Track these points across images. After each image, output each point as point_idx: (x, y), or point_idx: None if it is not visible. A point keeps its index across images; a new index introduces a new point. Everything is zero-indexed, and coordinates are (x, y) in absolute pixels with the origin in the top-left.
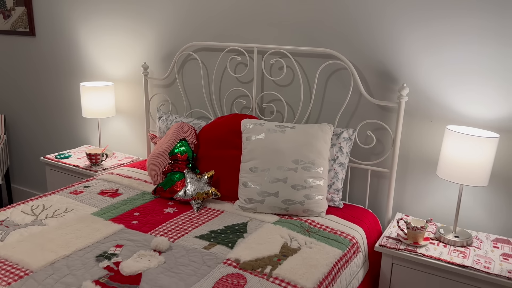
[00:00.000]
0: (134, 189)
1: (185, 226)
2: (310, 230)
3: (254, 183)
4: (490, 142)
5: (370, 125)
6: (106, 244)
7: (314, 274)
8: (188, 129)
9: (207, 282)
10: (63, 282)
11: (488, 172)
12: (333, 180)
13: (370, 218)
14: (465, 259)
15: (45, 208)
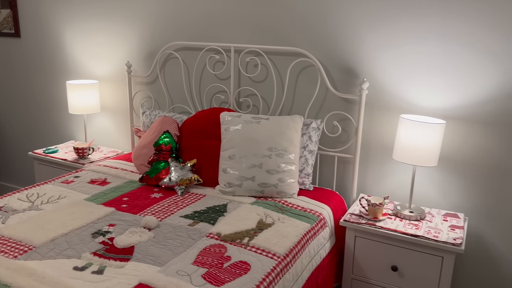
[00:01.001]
0: (121, 178)
1: (170, 208)
2: (283, 209)
3: (232, 169)
4: (437, 128)
5: (336, 116)
6: (100, 223)
7: (286, 243)
8: (171, 122)
9: (192, 251)
10: (64, 255)
11: (437, 154)
12: (304, 166)
13: (336, 199)
14: (417, 230)
15: (40, 196)
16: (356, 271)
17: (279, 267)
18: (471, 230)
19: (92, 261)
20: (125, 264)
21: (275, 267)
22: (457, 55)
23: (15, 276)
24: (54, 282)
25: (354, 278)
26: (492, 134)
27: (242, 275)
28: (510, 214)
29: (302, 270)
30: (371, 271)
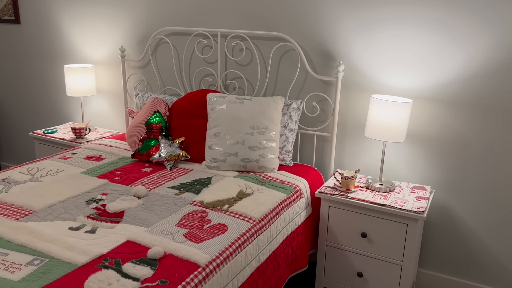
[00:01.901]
0: (115, 155)
1: (159, 180)
2: (262, 181)
3: (217, 145)
4: (404, 106)
5: (315, 97)
6: (94, 193)
7: (262, 209)
8: (161, 103)
9: (176, 216)
10: (60, 218)
11: (404, 131)
12: (284, 143)
13: (314, 173)
14: (385, 200)
15: (39, 170)
16: (330, 238)
17: (254, 229)
18: (438, 201)
19: (86, 223)
20: (115, 225)
21: (250, 229)
22: (425, 39)
23: (16, 234)
24: (52, 239)
25: (328, 245)
26: (456, 112)
27: (219, 234)
28: (472, 187)
29: (277, 233)
30: (343, 238)
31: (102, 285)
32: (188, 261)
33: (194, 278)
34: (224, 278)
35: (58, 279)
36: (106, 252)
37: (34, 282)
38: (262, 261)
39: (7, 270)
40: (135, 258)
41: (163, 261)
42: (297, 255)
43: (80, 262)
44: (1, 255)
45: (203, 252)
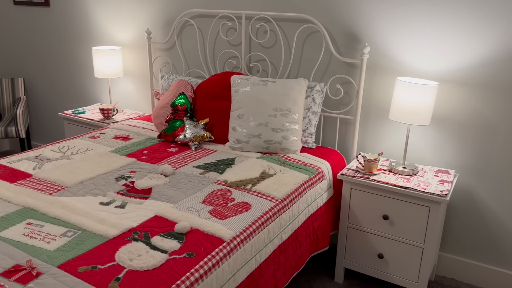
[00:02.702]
0: (142, 135)
1: (185, 160)
2: (285, 163)
3: (241, 127)
4: (430, 89)
5: (339, 79)
6: (123, 170)
7: (284, 189)
8: (186, 85)
9: (201, 194)
10: (91, 193)
11: (429, 114)
12: (307, 126)
13: (336, 156)
14: (408, 183)
15: (70, 148)
16: (352, 220)
17: (276, 208)
18: (461, 186)
19: (116, 198)
20: (144, 201)
21: (273, 208)
22: (454, 20)
23: (50, 207)
24: (84, 212)
25: (349, 227)
26: (484, 96)
27: (243, 212)
28: (497, 172)
29: (299, 213)
30: (364, 220)
31: (132, 256)
32: (213, 236)
33: (219, 252)
34: (248, 253)
35: (91, 250)
36: (135, 225)
37: (68, 252)
38: (284, 239)
39: (43, 240)
40: (163, 232)
41: (189, 236)
42: (318, 235)
43: (111, 235)
44: (37, 226)
45: (228, 228)
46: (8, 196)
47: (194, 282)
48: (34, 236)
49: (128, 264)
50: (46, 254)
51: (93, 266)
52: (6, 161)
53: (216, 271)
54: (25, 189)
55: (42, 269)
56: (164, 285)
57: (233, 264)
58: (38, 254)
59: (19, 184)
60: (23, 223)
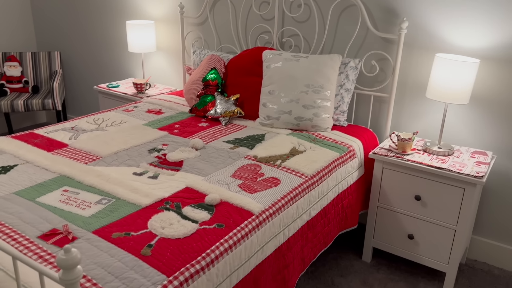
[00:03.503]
0: (174, 109)
1: (215, 134)
2: (315, 140)
3: (272, 103)
4: (470, 66)
5: (374, 55)
6: (155, 143)
7: (314, 166)
8: (218, 60)
9: (231, 168)
10: (125, 163)
11: (469, 92)
12: (339, 103)
13: (369, 134)
14: (443, 164)
15: (105, 120)
16: (382, 200)
17: (306, 184)
18: (499, 168)
19: (148, 169)
20: (175, 173)
21: (302, 184)
22: None
23: (86, 176)
24: (118, 181)
25: (379, 206)
26: None
27: (272, 187)
28: None
29: (328, 191)
30: (395, 200)
31: (164, 224)
32: (242, 209)
33: (248, 224)
34: (276, 227)
35: (124, 217)
36: (167, 196)
37: (103, 218)
38: (313, 215)
39: (79, 207)
40: (194, 202)
41: (219, 207)
42: (347, 213)
43: (144, 204)
44: (73, 193)
45: (257, 202)
46: (45, 164)
47: (224, 252)
48: (70, 202)
49: (160, 232)
50: (82, 220)
51: (127, 232)
52: (43, 131)
53: (245, 242)
54: (61, 158)
55: (78, 234)
56: (195, 253)
57: (261, 237)
58: (74, 220)
59: (55, 153)
60: (60, 190)
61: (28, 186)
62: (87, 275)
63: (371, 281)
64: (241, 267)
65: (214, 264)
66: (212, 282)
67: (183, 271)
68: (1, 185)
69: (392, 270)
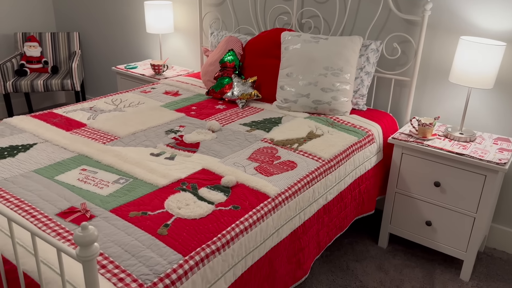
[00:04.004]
0: (191, 91)
1: (232, 117)
2: (333, 124)
3: (289, 86)
4: (497, 50)
5: (396, 38)
6: (172, 124)
7: (331, 150)
8: (235, 42)
9: (248, 150)
10: (142, 144)
11: (493, 77)
12: (359, 87)
13: (388, 119)
14: (464, 150)
15: (122, 101)
16: (400, 186)
17: (323, 168)
18: None
19: (165, 150)
20: (192, 154)
21: (319, 168)
22: None
23: (104, 155)
24: (135, 162)
25: (397, 192)
26: None
27: (288, 170)
28: None
29: (345, 175)
30: (414, 186)
31: (180, 204)
32: (258, 192)
33: (264, 207)
34: (292, 210)
35: (141, 197)
36: (183, 177)
37: (120, 197)
38: (329, 199)
39: (97, 186)
40: (210, 184)
41: (235, 189)
42: (364, 198)
43: (160, 184)
44: (91, 172)
45: (273, 185)
46: (64, 143)
47: (239, 233)
48: (88, 181)
49: (176, 212)
50: (99, 199)
51: (143, 212)
52: (62, 111)
53: (261, 225)
54: (79, 137)
55: (95, 212)
56: (211, 234)
57: (277, 220)
58: (92, 198)
59: (74, 132)
60: (78, 169)
61: (47, 164)
62: (104, 252)
63: (387, 267)
64: (256, 249)
65: (229, 245)
66: (228, 262)
67: (199, 251)
68: (21, 163)
69: (408, 256)
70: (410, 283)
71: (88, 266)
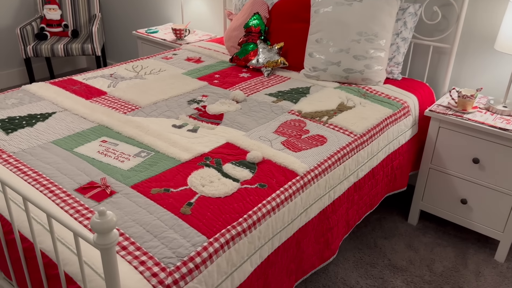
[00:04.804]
0: (214, 58)
1: (257, 86)
2: (366, 94)
3: (319, 53)
4: None
5: (437, 1)
6: (195, 94)
7: (364, 124)
8: (261, 4)
9: (274, 123)
10: (164, 115)
11: None
12: (394, 54)
13: (425, 89)
14: (508, 125)
15: (143, 68)
16: (435, 161)
17: (354, 144)
18: None
19: (188, 122)
20: (215, 127)
21: (350, 143)
22: None
23: (125, 126)
24: (157, 134)
25: (431, 168)
26: None
27: (318, 145)
28: None
29: (378, 151)
30: (450, 162)
31: (204, 181)
32: (286, 169)
33: (292, 185)
34: (322, 189)
35: (164, 172)
36: (207, 151)
37: (141, 172)
38: (360, 177)
39: (117, 159)
40: (235, 160)
41: (261, 166)
42: (396, 174)
43: (183, 158)
44: (112, 145)
45: (301, 162)
46: (83, 112)
47: (266, 214)
48: (109, 154)
49: (200, 190)
50: (120, 173)
51: (166, 188)
52: (82, 78)
53: (289, 204)
54: (100, 106)
55: (116, 188)
56: (236, 215)
57: (305, 199)
58: (112, 173)
59: (94, 101)
60: (98, 140)
61: (66, 135)
62: (125, 232)
63: (417, 245)
64: (284, 229)
65: (256, 226)
66: (254, 244)
67: (224, 232)
68: (39, 133)
69: (440, 234)
70: (441, 263)
71: (107, 254)
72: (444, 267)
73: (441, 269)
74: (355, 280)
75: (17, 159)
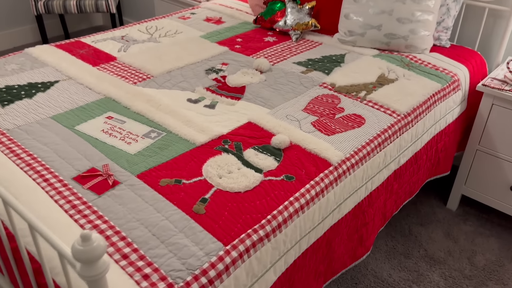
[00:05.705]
0: (236, 18)
1: (284, 53)
2: (410, 65)
3: (356, 14)
4: None
5: None
6: (213, 61)
7: (409, 101)
8: None
9: (303, 99)
10: (179, 86)
11: None
12: (444, 17)
13: (477, 59)
14: None
15: (158, 29)
16: (484, 142)
17: (398, 126)
18: None
19: (205, 96)
20: (236, 102)
21: (393, 125)
22: None
23: (134, 100)
24: (169, 110)
25: (479, 149)
26: None
27: (354, 128)
28: None
29: (423, 132)
30: (502, 143)
31: (221, 172)
32: (317, 157)
33: (325, 178)
34: (358, 181)
35: (175, 158)
36: (226, 132)
37: (150, 157)
38: (402, 163)
39: (123, 140)
40: (258, 144)
41: (288, 153)
42: (440, 158)
43: (198, 141)
44: (118, 122)
45: (336, 148)
46: (90, 82)
47: (294, 213)
48: (114, 134)
49: (216, 182)
50: (126, 158)
51: (177, 179)
52: (91, 40)
53: (320, 201)
54: (107, 75)
55: (120, 177)
56: (258, 215)
57: (339, 193)
58: (117, 157)
59: (102, 68)
60: (103, 116)
61: (68, 109)
62: (127, 236)
63: (456, 234)
64: (313, 230)
65: (281, 229)
66: (278, 250)
67: (244, 238)
68: (39, 106)
69: (482, 222)
70: (483, 255)
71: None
72: (486, 260)
73: (483, 262)
74: (387, 272)
75: (11, 138)
